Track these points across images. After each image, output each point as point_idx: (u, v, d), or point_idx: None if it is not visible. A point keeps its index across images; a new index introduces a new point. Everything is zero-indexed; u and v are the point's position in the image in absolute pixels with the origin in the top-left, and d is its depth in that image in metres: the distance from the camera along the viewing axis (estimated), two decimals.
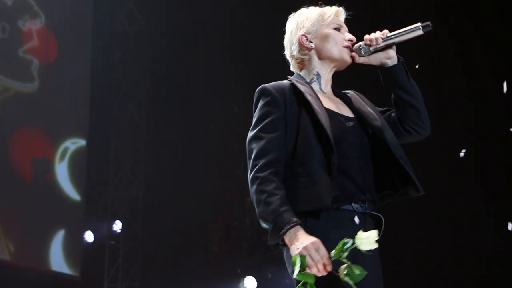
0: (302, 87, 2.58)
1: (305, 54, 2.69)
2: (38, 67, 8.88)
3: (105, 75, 9.59)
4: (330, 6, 2.76)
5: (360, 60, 2.67)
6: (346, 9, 2.76)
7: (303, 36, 2.68)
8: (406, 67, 2.67)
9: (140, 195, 9.64)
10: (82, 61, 9.27)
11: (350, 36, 2.69)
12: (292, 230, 2.31)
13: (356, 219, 2.44)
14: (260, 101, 2.57)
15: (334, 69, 2.71)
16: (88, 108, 9.27)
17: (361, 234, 2.24)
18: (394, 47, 2.64)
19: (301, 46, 2.69)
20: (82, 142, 9.21)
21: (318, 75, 2.69)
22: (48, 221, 8.74)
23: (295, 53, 2.71)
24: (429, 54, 8.62)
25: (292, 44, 2.71)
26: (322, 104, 2.54)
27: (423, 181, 2.61)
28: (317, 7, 2.75)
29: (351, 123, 2.60)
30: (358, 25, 2.86)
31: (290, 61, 2.77)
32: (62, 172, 9.02)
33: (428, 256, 9.01)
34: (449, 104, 8.86)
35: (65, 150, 9.06)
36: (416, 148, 3.12)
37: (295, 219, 2.32)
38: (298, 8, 2.77)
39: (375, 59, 2.66)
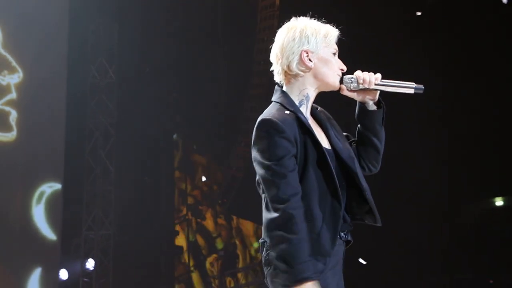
0: (307, 124, 2.46)
1: (301, 71, 2.51)
2: (16, 118, 9.20)
3: (78, 124, 9.97)
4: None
5: (346, 93, 2.57)
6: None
7: (305, 53, 2.50)
8: (384, 113, 2.60)
9: (111, 234, 9.94)
10: (57, 111, 9.54)
11: (343, 66, 2.58)
12: (308, 284, 2.25)
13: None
14: (271, 133, 2.38)
15: (320, 91, 2.58)
16: (63, 155, 9.50)
17: None
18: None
19: (301, 62, 2.51)
20: (57, 186, 9.40)
21: (307, 97, 2.53)
22: (26, 260, 8.99)
23: (292, 65, 2.51)
24: None
25: (293, 54, 2.51)
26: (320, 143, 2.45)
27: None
28: (322, 24, 2.57)
29: (333, 156, 2.49)
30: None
31: (278, 68, 2.56)
32: (39, 214, 9.25)
33: None
34: None
35: (42, 193, 9.30)
36: None
37: (316, 274, 2.27)
38: None
39: (359, 96, 2.58)
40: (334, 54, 2.55)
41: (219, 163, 11.16)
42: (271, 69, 2.59)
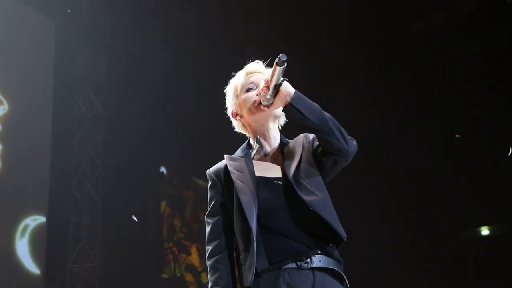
0: (233, 164, 2.58)
1: (241, 126, 2.73)
2: (1, 150, 9.07)
3: (64, 156, 9.87)
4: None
5: (270, 109, 2.53)
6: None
7: (232, 113, 2.72)
8: (297, 105, 2.45)
9: (96, 267, 9.81)
10: (43, 143, 9.46)
11: (260, 91, 2.53)
12: None
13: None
14: (208, 185, 2.63)
15: (269, 126, 2.66)
16: (48, 187, 9.40)
17: None
18: (285, 82, 2.46)
19: (235, 121, 2.73)
20: (42, 219, 9.28)
21: (258, 141, 2.66)
22: None
23: (235, 125, 2.76)
24: None
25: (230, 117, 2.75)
26: (254, 174, 2.52)
27: None
28: (238, 73, 2.72)
29: (282, 183, 2.51)
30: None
31: None
32: (22, 248, 9.09)
33: None
34: None
35: (26, 227, 9.15)
36: None
37: None
38: None
39: (279, 103, 2.49)
40: (249, 89, 2.64)
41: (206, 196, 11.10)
42: None
